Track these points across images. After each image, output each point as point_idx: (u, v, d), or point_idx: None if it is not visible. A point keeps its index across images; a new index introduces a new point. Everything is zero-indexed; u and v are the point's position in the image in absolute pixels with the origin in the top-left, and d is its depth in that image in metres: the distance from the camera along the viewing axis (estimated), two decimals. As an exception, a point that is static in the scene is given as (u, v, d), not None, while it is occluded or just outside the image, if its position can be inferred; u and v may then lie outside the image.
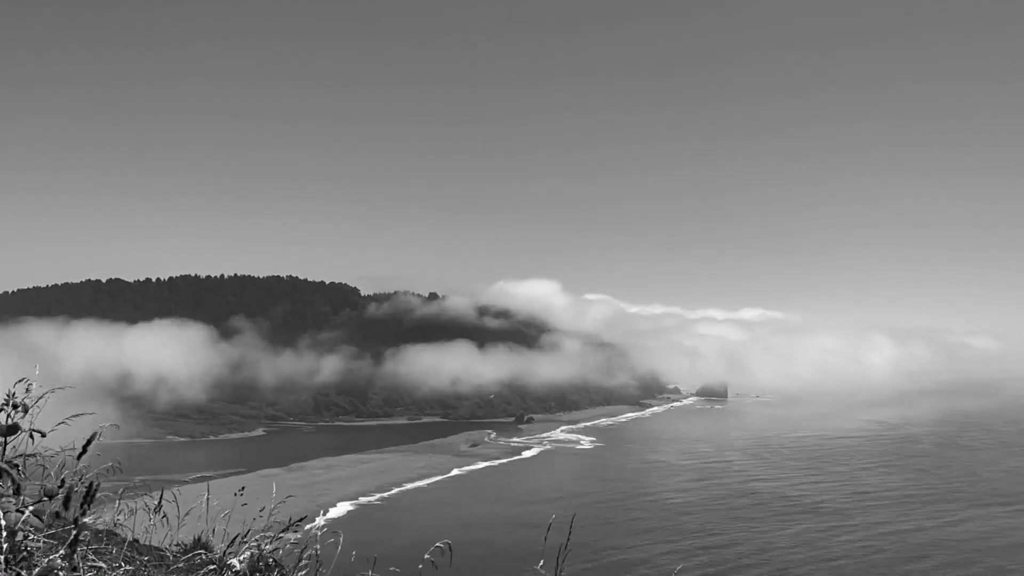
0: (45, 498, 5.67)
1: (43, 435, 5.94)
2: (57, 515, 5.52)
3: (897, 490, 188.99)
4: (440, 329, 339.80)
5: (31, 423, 5.81)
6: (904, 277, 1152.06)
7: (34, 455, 5.88)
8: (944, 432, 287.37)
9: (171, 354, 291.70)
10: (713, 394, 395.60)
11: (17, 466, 5.62)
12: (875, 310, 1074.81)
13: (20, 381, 5.96)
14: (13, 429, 5.75)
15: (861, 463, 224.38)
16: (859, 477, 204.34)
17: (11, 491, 5.48)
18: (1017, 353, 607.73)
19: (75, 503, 5.67)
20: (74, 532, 5.48)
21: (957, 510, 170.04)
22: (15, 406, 5.84)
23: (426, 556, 7.95)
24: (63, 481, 6.04)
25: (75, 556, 5.49)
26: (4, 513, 5.07)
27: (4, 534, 4.96)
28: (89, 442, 6.21)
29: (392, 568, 9.12)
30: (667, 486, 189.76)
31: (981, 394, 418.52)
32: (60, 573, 5.30)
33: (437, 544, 7.98)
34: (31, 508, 5.31)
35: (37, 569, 5.15)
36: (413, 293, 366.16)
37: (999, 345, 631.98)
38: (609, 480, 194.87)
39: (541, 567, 7.84)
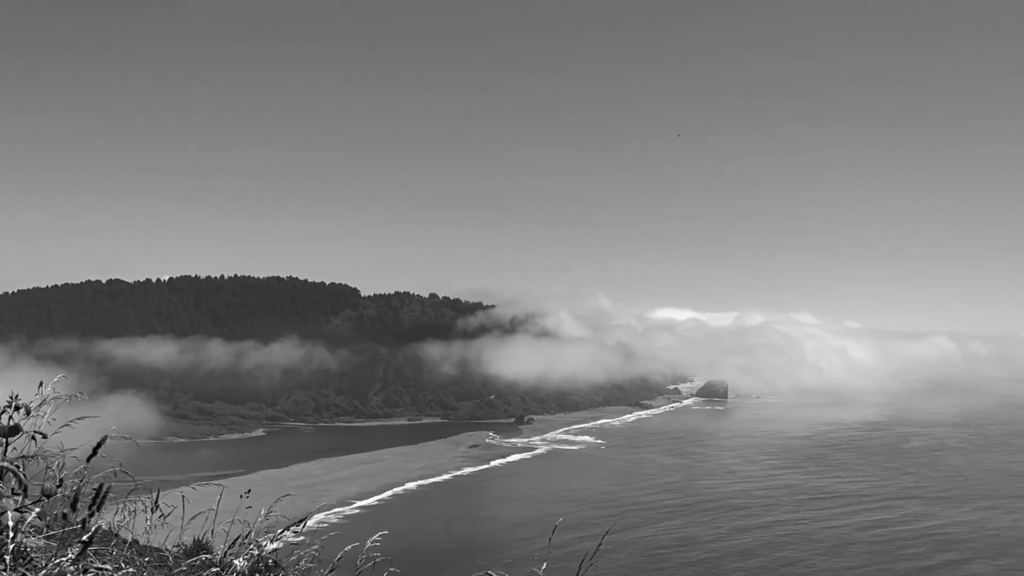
0: (44, 498, 5.70)
1: (44, 436, 5.96)
2: (64, 516, 5.55)
3: (884, 487, 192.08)
4: (442, 330, 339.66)
5: (35, 425, 5.84)
6: (896, 277, 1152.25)
7: (33, 456, 5.90)
8: (934, 432, 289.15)
9: (168, 354, 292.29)
10: (713, 395, 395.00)
11: (19, 467, 5.65)
12: (871, 310, 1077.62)
13: (41, 386, 6.01)
14: (15, 430, 5.78)
15: (849, 461, 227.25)
16: (846, 475, 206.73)
17: (12, 492, 5.50)
18: (1006, 353, 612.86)
19: (83, 505, 5.70)
20: (82, 533, 5.50)
21: (942, 507, 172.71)
22: (17, 407, 5.87)
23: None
24: (61, 481, 6.07)
25: (84, 558, 5.52)
26: (5, 513, 5.09)
27: (8, 534, 4.98)
28: (99, 445, 6.24)
29: (392, 568, 9.15)
30: (664, 486, 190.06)
31: (969, 392, 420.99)
32: (67, 574, 5.33)
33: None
34: (36, 509, 5.33)
35: (43, 571, 5.17)
36: (414, 294, 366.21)
37: (988, 345, 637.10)
38: (608, 480, 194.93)
39: (544, 571, 7.83)
